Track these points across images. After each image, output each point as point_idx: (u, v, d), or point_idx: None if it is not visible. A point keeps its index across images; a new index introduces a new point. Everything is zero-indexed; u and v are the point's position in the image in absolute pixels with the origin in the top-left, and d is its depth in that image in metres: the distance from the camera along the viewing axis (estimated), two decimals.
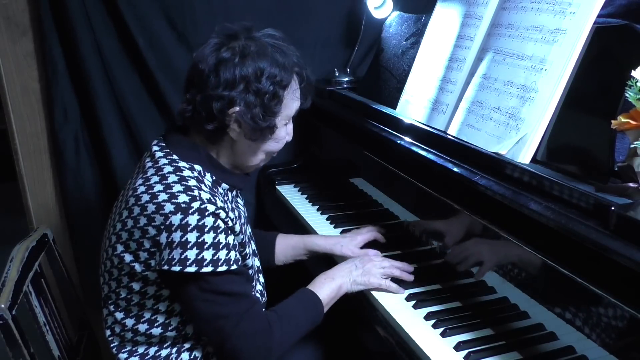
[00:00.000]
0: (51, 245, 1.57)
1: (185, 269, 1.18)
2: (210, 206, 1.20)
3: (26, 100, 2.00)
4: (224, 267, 1.21)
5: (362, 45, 2.21)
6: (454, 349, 1.20)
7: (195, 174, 1.26)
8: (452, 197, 1.36)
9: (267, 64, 1.26)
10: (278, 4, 2.09)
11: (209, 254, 1.19)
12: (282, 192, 2.08)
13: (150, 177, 1.25)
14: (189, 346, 1.33)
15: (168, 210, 1.19)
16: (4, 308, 1.22)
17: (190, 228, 1.18)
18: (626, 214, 0.95)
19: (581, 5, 1.24)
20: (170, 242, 1.18)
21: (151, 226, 1.21)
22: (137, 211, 1.23)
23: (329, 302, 1.38)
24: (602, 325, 1.00)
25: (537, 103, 1.27)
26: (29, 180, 2.08)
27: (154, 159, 1.29)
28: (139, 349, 1.33)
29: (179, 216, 1.18)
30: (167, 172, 1.25)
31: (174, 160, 1.27)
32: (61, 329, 1.53)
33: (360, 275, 1.42)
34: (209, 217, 1.20)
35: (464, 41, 1.55)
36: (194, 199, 1.20)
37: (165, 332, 1.31)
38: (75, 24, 1.90)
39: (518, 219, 1.14)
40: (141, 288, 1.28)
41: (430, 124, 1.57)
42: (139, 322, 1.31)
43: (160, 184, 1.23)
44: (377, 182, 1.79)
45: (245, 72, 1.24)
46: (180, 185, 1.22)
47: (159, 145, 1.32)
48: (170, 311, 1.30)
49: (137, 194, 1.24)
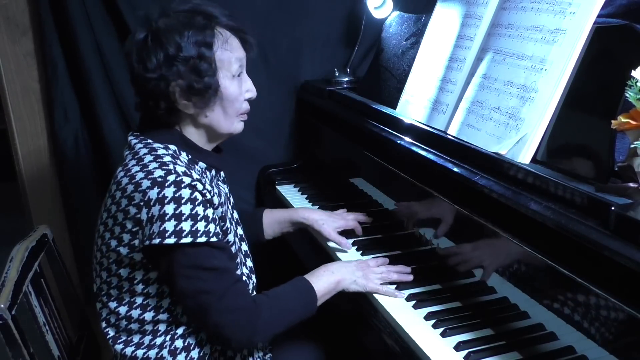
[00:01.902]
0: (51, 245, 1.57)
1: (164, 240, 1.18)
2: (186, 178, 1.22)
3: (26, 100, 2.01)
4: (203, 239, 1.21)
5: (362, 45, 2.21)
6: (454, 349, 1.20)
7: (170, 152, 1.29)
8: (452, 197, 1.36)
9: (183, 32, 1.26)
10: (278, 4, 2.10)
11: (187, 225, 1.20)
12: (282, 192, 2.09)
13: (128, 162, 1.29)
14: (182, 333, 1.34)
15: (145, 186, 1.21)
16: (3, 308, 1.22)
17: (167, 200, 1.19)
18: (626, 214, 0.95)
19: (581, 5, 1.24)
20: (150, 217, 1.20)
21: (131, 205, 1.23)
22: (119, 195, 1.26)
23: (324, 294, 1.38)
24: (602, 325, 1.00)
25: (537, 103, 1.27)
26: (29, 180, 2.08)
27: (131, 147, 1.32)
28: (133, 338, 1.34)
29: (156, 190, 1.20)
30: (142, 154, 1.28)
31: (149, 143, 1.30)
32: (61, 328, 1.53)
33: (361, 277, 1.42)
34: (185, 189, 1.21)
35: (464, 41, 1.55)
36: (169, 172, 1.22)
37: (157, 315, 1.31)
38: (75, 24, 1.90)
39: (518, 219, 1.14)
40: (129, 274, 1.29)
41: (430, 124, 1.57)
42: (131, 309, 1.31)
43: (137, 165, 1.26)
44: (377, 182, 1.79)
45: (164, 49, 1.25)
46: (156, 163, 1.25)
47: (134, 134, 1.35)
48: (161, 293, 1.30)
49: (118, 179, 1.27)
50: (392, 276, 1.44)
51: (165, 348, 1.32)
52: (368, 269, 1.45)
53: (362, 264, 1.46)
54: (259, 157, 2.21)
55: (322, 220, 1.66)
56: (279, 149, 2.27)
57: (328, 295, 1.39)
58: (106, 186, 2.06)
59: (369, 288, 1.41)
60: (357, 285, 1.41)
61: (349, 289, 1.41)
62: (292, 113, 2.25)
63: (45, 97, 2.01)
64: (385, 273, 1.45)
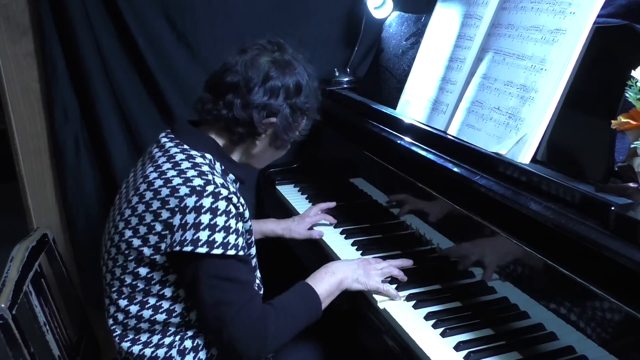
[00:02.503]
0: (51, 245, 1.57)
1: (196, 249, 1.20)
2: (224, 190, 1.24)
3: (26, 100, 2.00)
4: (233, 252, 1.23)
5: (362, 45, 2.21)
6: (454, 349, 1.20)
7: (207, 161, 1.31)
8: (452, 197, 1.36)
9: (304, 81, 1.36)
10: (278, 4, 2.10)
11: (220, 236, 1.22)
12: (282, 192, 2.09)
13: (162, 164, 1.29)
14: (192, 333, 1.34)
15: (183, 192, 1.22)
16: (4, 308, 1.22)
17: (204, 210, 1.21)
18: (626, 214, 0.95)
19: (581, 5, 1.24)
20: (184, 223, 1.21)
21: (165, 209, 1.24)
22: (150, 195, 1.26)
23: (327, 296, 1.38)
24: (602, 325, 1.00)
25: (537, 103, 1.27)
26: (29, 180, 2.08)
27: (164, 149, 1.33)
28: (141, 337, 1.34)
29: (194, 198, 1.21)
30: (179, 159, 1.29)
31: (185, 149, 1.32)
32: (61, 328, 1.53)
33: (362, 275, 1.42)
34: (222, 201, 1.23)
35: (464, 41, 1.55)
36: (208, 182, 1.24)
37: (169, 318, 1.31)
38: (75, 24, 1.90)
39: (518, 219, 1.14)
40: (148, 273, 1.29)
41: (430, 124, 1.57)
42: (143, 309, 1.31)
43: (174, 170, 1.27)
44: (377, 182, 1.79)
45: (287, 83, 1.33)
46: (194, 170, 1.26)
47: (168, 137, 1.37)
48: (176, 297, 1.31)
49: (150, 180, 1.27)
50: (393, 271, 1.45)
51: (175, 348, 1.32)
52: (369, 265, 1.45)
53: (364, 262, 1.47)
54: None
55: (288, 228, 1.73)
56: None
57: (332, 297, 1.39)
58: (106, 186, 2.10)
59: (370, 286, 1.41)
60: (359, 284, 1.41)
61: (351, 288, 1.41)
62: None
63: (45, 97, 2.01)
64: (387, 268, 1.45)
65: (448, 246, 1.45)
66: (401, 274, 1.45)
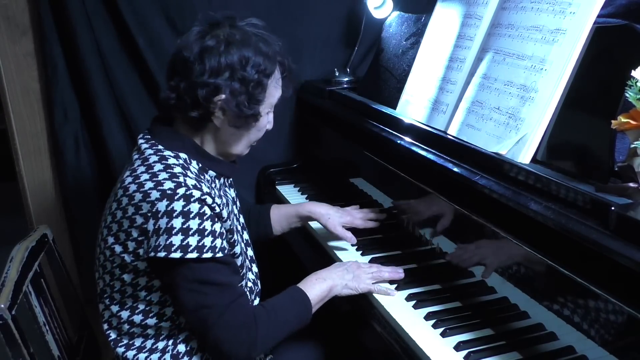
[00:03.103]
0: (51, 245, 1.57)
1: (170, 254, 1.18)
2: (196, 192, 1.22)
3: (26, 100, 2.00)
4: (209, 254, 1.21)
5: (362, 45, 2.21)
6: (454, 349, 1.20)
7: (180, 162, 1.28)
8: (452, 197, 1.36)
9: (251, 53, 1.28)
10: (278, 3, 2.09)
11: (194, 240, 1.20)
12: (282, 192, 2.09)
13: (137, 167, 1.27)
14: (184, 337, 1.34)
15: (154, 197, 1.20)
16: (3, 308, 1.22)
17: (175, 214, 1.19)
18: (626, 214, 0.95)
19: (581, 5, 1.24)
20: (157, 229, 1.19)
21: (138, 214, 1.22)
22: (125, 201, 1.25)
23: (318, 302, 1.38)
24: (602, 325, 1.00)
25: (537, 103, 1.27)
26: (29, 180, 2.08)
27: (140, 151, 1.31)
28: (135, 342, 1.34)
29: (165, 202, 1.19)
30: (152, 161, 1.27)
31: (159, 150, 1.29)
32: (61, 328, 1.53)
33: (351, 280, 1.42)
34: (195, 203, 1.21)
35: (464, 41, 1.55)
36: (179, 185, 1.21)
37: (160, 322, 1.31)
38: (75, 23, 1.90)
39: (518, 219, 1.14)
40: (132, 280, 1.29)
41: (430, 124, 1.57)
42: (133, 314, 1.31)
43: (147, 173, 1.25)
44: (377, 182, 1.79)
45: (231, 60, 1.26)
46: (166, 173, 1.24)
47: (145, 137, 1.34)
48: (164, 301, 1.30)
49: (125, 185, 1.26)
50: (384, 275, 1.44)
51: (168, 352, 1.32)
52: (359, 269, 1.44)
53: (353, 266, 1.46)
54: (259, 157, 2.21)
55: (329, 214, 1.65)
56: (279, 149, 2.27)
57: (321, 302, 1.39)
58: (106, 186, 2.10)
59: (361, 289, 1.41)
60: (349, 289, 1.41)
61: (341, 294, 1.41)
62: (292, 113, 2.25)
63: (45, 97, 2.01)
64: (377, 272, 1.44)
65: (448, 246, 1.45)
66: (393, 275, 1.44)
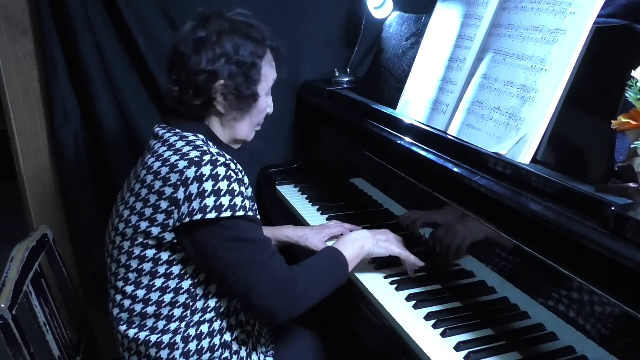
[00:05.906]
0: (51, 245, 1.57)
1: (205, 215, 1.23)
2: (221, 157, 1.28)
3: (26, 100, 2.01)
4: (241, 212, 1.26)
5: (362, 45, 2.21)
6: (454, 349, 1.20)
7: (200, 139, 1.35)
8: (452, 197, 1.36)
9: (242, 39, 1.36)
10: (278, 4, 2.09)
11: (226, 200, 1.25)
12: (282, 192, 2.09)
13: (158, 149, 1.33)
14: (197, 320, 1.34)
15: (182, 166, 1.26)
16: (4, 308, 1.22)
17: (205, 177, 1.24)
18: (626, 214, 0.95)
19: (581, 5, 1.24)
20: (189, 195, 1.24)
21: (167, 186, 1.26)
22: (151, 178, 1.29)
23: (352, 259, 1.42)
24: (603, 325, 1.00)
25: (537, 103, 1.27)
26: (29, 180, 2.08)
27: (159, 137, 1.37)
28: (147, 322, 1.34)
29: (193, 169, 1.25)
30: (173, 140, 1.33)
31: (178, 132, 1.36)
32: (61, 328, 1.53)
33: (384, 240, 1.48)
34: (221, 167, 1.26)
35: (464, 41, 1.55)
36: (204, 152, 1.27)
37: (176, 296, 1.32)
38: (75, 24, 1.90)
39: (518, 219, 1.14)
40: (154, 254, 1.31)
41: (430, 124, 1.57)
42: (150, 292, 1.33)
43: (169, 150, 1.31)
44: (377, 182, 1.79)
45: (224, 47, 1.34)
46: (189, 146, 1.30)
47: (161, 126, 1.40)
48: (183, 274, 1.32)
49: (149, 165, 1.31)
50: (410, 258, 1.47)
51: (179, 334, 1.33)
52: (390, 234, 1.51)
53: (385, 231, 1.52)
54: (259, 157, 2.21)
55: (306, 235, 1.68)
56: (279, 149, 2.27)
57: (356, 260, 1.44)
58: (106, 186, 2.10)
59: (391, 251, 1.47)
60: (380, 248, 1.46)
61: (372, 252, 1.46)
62: (292, 113, 2.26)
63: (45, 97, 2.01)
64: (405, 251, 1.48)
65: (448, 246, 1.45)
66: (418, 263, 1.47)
